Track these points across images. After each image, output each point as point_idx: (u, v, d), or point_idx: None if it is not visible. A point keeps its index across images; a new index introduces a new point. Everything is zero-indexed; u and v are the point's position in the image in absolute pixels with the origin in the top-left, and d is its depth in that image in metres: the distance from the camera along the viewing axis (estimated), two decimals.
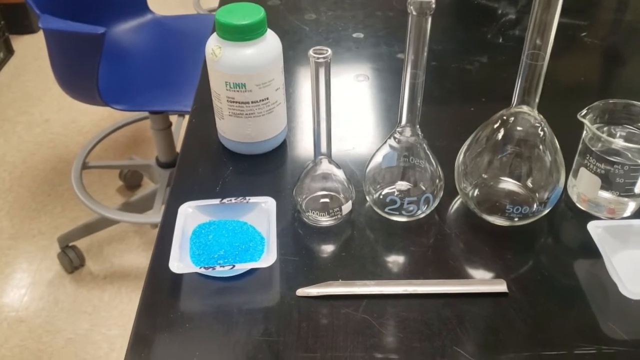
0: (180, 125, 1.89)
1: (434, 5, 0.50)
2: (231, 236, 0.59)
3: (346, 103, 0.81)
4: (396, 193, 0.61)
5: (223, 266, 0.54)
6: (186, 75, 1.41)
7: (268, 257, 0.54)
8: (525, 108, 0.57)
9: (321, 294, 0.54)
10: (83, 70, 1.28)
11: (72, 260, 1.59)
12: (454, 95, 0.83)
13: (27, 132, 2.10)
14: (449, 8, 1.08)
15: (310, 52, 0.53)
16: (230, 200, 0.61)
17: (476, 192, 0.61)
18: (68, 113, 2.20)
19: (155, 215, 1.56)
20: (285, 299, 0.55)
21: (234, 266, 0.54)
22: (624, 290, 0.51)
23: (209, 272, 0.55)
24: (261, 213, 0.60)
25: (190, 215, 0.60)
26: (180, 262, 0.54)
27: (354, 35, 0.96)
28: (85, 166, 1.74)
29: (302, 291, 0.55)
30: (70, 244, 1.62)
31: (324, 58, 0.53)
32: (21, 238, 1.70)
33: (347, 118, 0.78)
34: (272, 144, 0.70)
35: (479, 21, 1.01)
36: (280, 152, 0.72)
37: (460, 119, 0.77)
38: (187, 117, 1.96)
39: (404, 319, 0.53)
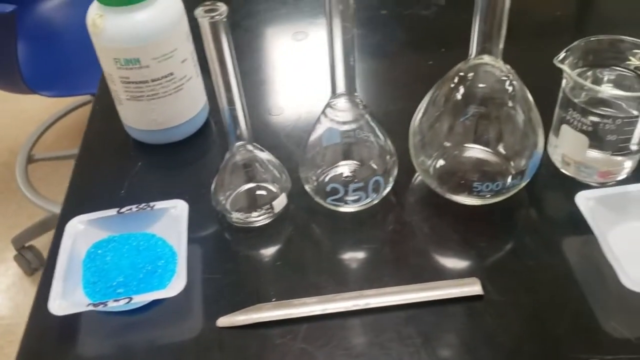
0: None
1: None
2: (134, 255, 0.47)
3: (285, 66, 0.68)
4: (342, 177, 0.49)
5: (117, 300, 0.42)
6: None
7: (175, 283, 0.42)
8: (487, 58, 0.44)
9: (248, 322, 0.43)
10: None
11: (30, 261, 1.49)
12: (408, 48, 0.70)
13: None
14: None
15: (198, 11, 0.40)
16: (130, 209, 0.48)
17: (437, 166, 0.49)
18: (17, 102, 2.03)
19: None
20: (204, 331, 0.43)
21: (130, 299, 0.42)
22: (624, 279, 0.40)
23: (101, 309, 0.43)
24: (172, 221, 0.48)
25: (82, 233, 0.48)
26: (63, 300, 0.42)
27: None
28: (31, 160, 1.61)
29: (224, 320, 0.43)
30: (27, 244, 1.51)
31: (219, 16, 0.40)
32: None
33: (286, 85, 0.66)
34: (187, 129, 0.58)
35: None
36: (201, 137, 0.59)
37: (417, 75, 0.65)
38: None
39: (354, 344, 0.41)
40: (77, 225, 0.48)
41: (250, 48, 0.71)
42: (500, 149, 0.48)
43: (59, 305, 0.42)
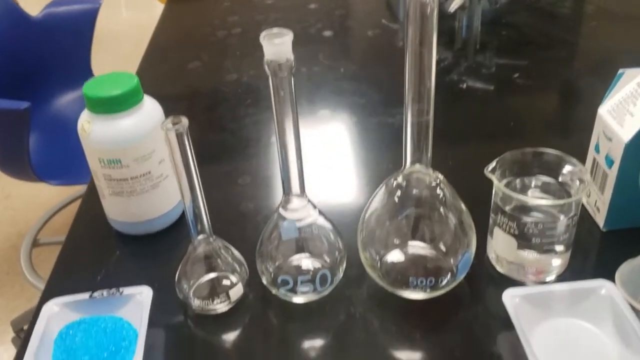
0: None
1: (293, 64, 0.45)
2: (101, 337, 0.51)
3: (262, 166, 0.75)
4: (293, 270, 0.54)
5: None
6: None
7: None
8: (418, 167, 0.50)
9: None
10: (12, 146, 1.23)
11: None
12: (372, 151, 0.77)
13: None
14: (375, 53, 1.03)
15: (164, 124, 0.47)
16: (102, 293, 0.53)
17: (380, 262, 0.54)
18: (30, 187, 2.12)
19: None
20: None
21: None
22: None
23: None
24: (137, 306, 0.53)
25: (56, 314, 0.52)
26: None
27: None
28: (36, 244, 1.67)
29: None
30: (25, 327, 1.53)
31: (182, 127, 0.47)
32: None
33: (261, 183, 0.72)
34: (163, 221, 0.63)
35: None
36: (177, 229, 0.65)
37: (376, 178, 0.71)
38: None
39: None
40: (52, 307, 0.53)
41: (234, 149, 0.79)
42: (434, 247, 0.53)
43: None
